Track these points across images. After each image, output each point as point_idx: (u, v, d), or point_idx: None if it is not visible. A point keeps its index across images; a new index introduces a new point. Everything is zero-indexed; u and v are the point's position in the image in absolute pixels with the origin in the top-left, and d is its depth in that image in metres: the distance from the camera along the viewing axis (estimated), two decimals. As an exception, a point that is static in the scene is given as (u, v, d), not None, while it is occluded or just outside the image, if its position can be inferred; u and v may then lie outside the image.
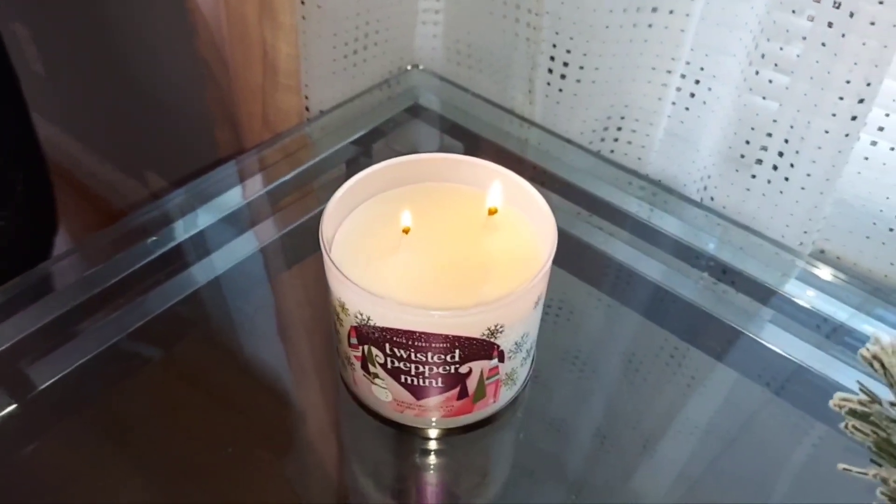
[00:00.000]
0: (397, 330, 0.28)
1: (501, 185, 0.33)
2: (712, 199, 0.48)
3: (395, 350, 0.29)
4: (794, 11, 0.38)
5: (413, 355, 0.29)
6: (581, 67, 0.48)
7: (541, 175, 0.52)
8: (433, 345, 0.29)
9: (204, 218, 0.47)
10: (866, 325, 0.42)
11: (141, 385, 0.38)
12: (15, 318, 0.40)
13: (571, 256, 0.45)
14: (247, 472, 0.34)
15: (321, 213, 0.31)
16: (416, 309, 0.27)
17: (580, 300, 0.44)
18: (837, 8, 0.36)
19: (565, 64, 0.49)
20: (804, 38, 0.38)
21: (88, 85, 1.20)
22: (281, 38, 0.50)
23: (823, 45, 0.37)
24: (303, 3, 0.48)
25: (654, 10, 0.45)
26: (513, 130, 0.55)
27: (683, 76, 0.48)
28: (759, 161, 0.44)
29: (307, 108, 0.54)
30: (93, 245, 0.45)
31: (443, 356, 0.29)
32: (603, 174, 0.51)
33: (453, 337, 0.28)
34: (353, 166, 0.53)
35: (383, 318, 0.28)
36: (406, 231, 0.32)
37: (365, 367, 0.31)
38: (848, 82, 0.37)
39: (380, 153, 0.54)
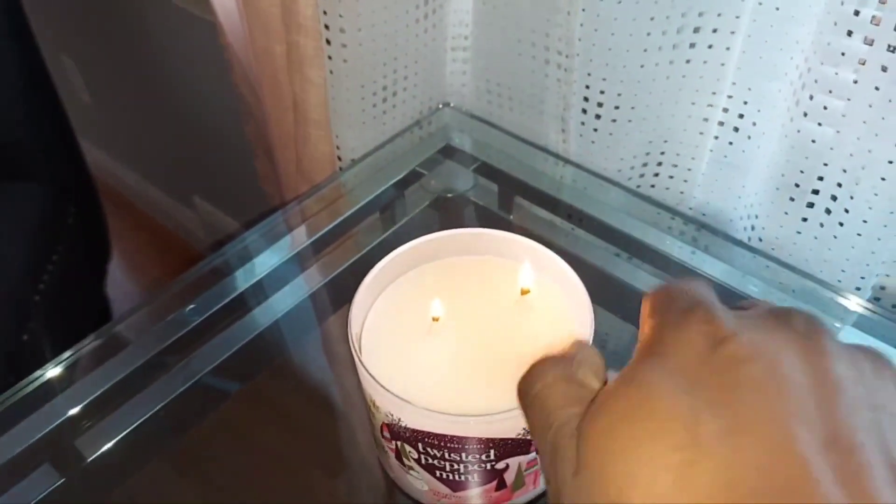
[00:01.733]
0: (429, 433, 0.28)
1: (533, 262, 0.32)
2: (760, 239, 0.46)
3: (428, 450, 0.29)
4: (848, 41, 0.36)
5: (447, 454, 0.28)
6: (616, 107, 0.46)
7: (578, 214, 0.51)
8: (467, 446, 0.28)
9: (245, 278, 0.47)
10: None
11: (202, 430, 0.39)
12: (93, 374, 0.41)
13: (614, 298, 0.44)
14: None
15: (359, 261, 0.31)
16: (446, 416, 0.27)
17: (625, 342, 0.43)
18: None
19: (599, 104, 0.47)
20: (854, 81, 0.36)
21: (132, 112, 1.23)
22: (310, 91, 0.50)
23: (884, 69, 0.35)
24: (329, 58, 0.48)
25: (692, 45, 0.43)
26: (547, 169, 0.53)
27: (726, 110, 0.46)
28: (811, 204, 0.41)
29: (339, 158, 0.53)
30: (152, 303, 0.45)
31: (478, 455, 0.28)
32: (642, 213, 0.49)
33: (487, 439, 0.28)
34: (388, 212, 0.53)
35: (414, 421, 0.28)
36: (436, 320, 0.31)
37: (399, 459, 0.31)
38: (905, 129, 0.34)
39: (414, 197, 0.53)
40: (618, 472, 0.17)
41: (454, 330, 0.31)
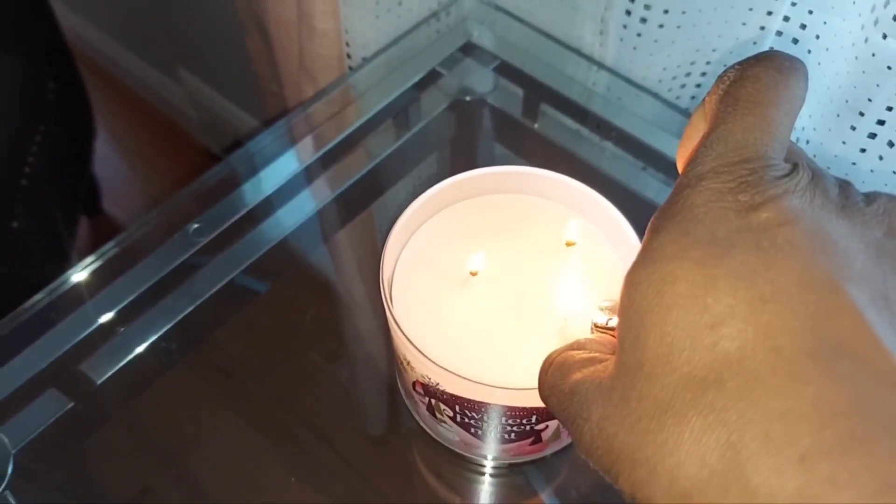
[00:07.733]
0: (469, 399, 0.26)
1: (582, 209, 0.29)
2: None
3: (467, 412, 0.27)
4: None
5: (486, 417, 0.27)
6: (666, 11, 0.41)
7: (607, 126, 0.47)
8: (510, 413, 0.26)
9: (251, 192, 0.44)
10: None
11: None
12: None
13: (638, 215, 0.42)
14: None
15: (372, 172, 0.28)
16: (492, 388, 0.25)
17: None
18: None
19: (647, 7, 0.42)
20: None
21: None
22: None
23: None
24: (340, -60, 0.41)
25: (760, -58, 0.38)
26: (578, 73, 0.49)
27: (787, 18, 0.41)
28: (873, 135, 0.38)
29: (349, 56, 0.48)
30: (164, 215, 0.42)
31: (519, 420, 0.27)
32: (679, 129, 0.46)
33: (532, 408, 0.26)
34: (402, 118, 0.48)
35: (453, 386, 0.26)
36: (474, 274, 0.28)
37: (431, 412, 0.29)
38: None
39: (428, 100, 0.49)
40: (649, 358, 0.15)
41: (492, 284, 0.29)
